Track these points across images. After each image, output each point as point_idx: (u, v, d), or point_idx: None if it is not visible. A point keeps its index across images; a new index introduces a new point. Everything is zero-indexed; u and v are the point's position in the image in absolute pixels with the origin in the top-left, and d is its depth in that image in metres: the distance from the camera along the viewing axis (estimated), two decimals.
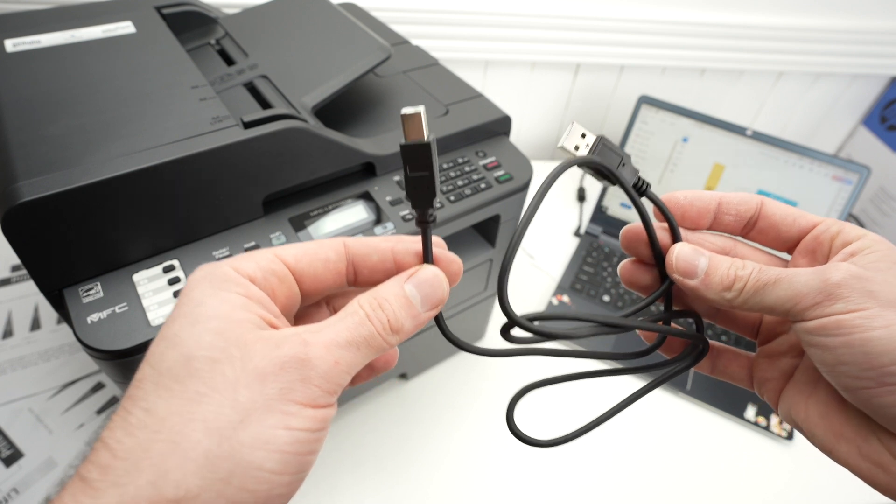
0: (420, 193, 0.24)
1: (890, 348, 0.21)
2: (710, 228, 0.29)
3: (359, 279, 0.26)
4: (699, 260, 0.26)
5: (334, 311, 0.28)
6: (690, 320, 0.30)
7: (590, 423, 0.30)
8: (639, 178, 0.28)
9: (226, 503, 0.19)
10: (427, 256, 0.25)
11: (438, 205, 0.52)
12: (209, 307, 0.21)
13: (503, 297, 0.25)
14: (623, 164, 0.27)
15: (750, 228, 0.28)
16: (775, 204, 0.28)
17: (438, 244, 0.26)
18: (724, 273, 0.26)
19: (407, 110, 0.23)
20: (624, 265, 0.30)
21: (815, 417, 0.26)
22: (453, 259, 0.26)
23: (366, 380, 0.28)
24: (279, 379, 0.20)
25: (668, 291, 0.29)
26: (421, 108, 0.23)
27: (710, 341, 0.31)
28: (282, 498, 0.20)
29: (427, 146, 0.23)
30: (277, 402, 0.20)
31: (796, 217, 0.27)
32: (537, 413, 0.70)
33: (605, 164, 0.27)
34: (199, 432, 0.19)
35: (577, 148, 0.26)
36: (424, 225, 0.25)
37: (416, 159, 0.23)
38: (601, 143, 0.27)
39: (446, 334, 0.27)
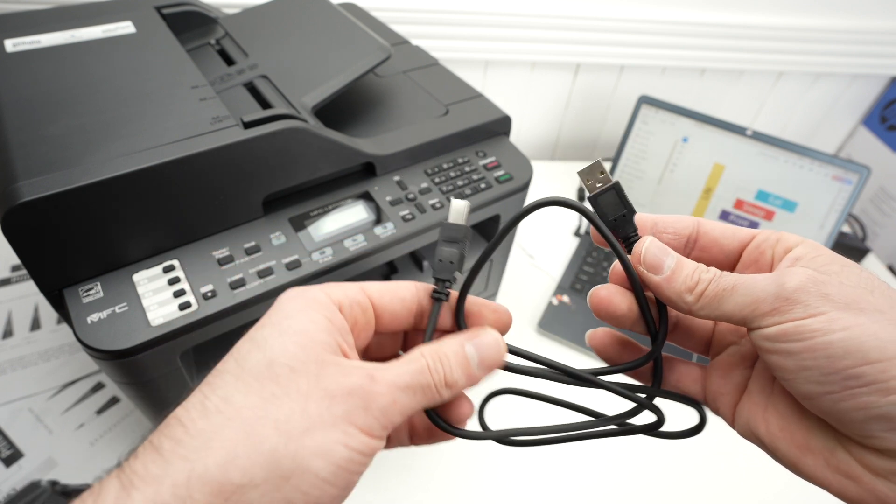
0: (444, 266, 0.28)
1: (850, 350, 0.21)
2: None
3: (431, 318, 0.28)
4: (667, 257, 0.26)
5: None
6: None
7: (541, 439, 0.30)
8: (634, 233, 0.28)
9: (281, 498, 0.21)
10: (453, 324, 0.28)
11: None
12: (297, 322, 0.24)
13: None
14: (624, 217, 0.28)
15: (692, 247, 0.28)
16: (711, 222, 0.28)
17: (496, 309, 0.29)
18: (689, 274, 0.26)
19: (456, 201, 0.28)
20: (596, 292, 0.29)
21: (775, 430, 0.26)
22: (505, 311, 0.29)
23: (426, 443, 0.30)
24: (345, 402, 0.22)
25: (657, 359, 0.29)
26: (468, 202, 0.28)
27: (663, 354, 0.30)
28: None
29: (465, 229, 0.28)
30: (341, 422, 0.22)
31: (735, 231, 0.28)
32: (518, 417, 0.70)
33: (580, 206, 0.27)
34: (270, 429, 0.21)
35: (590, 181, 0.27)
36: (438, 298, 0.28)
37: (452, 236, 0.28)
38: (614, 188, 0.27)
39: (434, 419, 0.28)
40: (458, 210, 0.28)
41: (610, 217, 0.27)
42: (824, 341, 0.22)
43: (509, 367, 0.28)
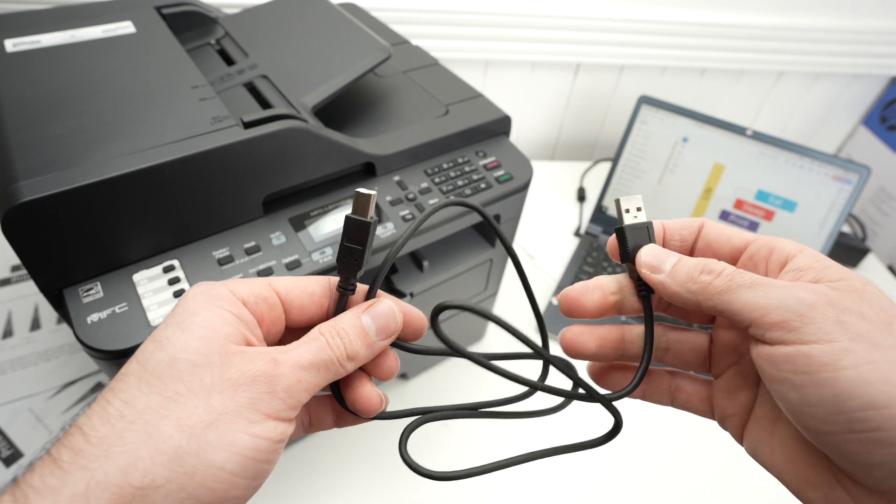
0: (348, 262, 0.26)
1: (858, 392, 0.20)
2: None
3: (337, 310, 0.28)
4: (669, 257, 0.26)
5: None
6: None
7: (491, 464, 0.30)
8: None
9: (186, 496, 0.20)
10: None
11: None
12: (201, 317, 0.23)
13: None
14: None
15: (692, 251, 0.28)
16: (712, 225, 0.28)
17: (407, 309, 0.28)
18: (693, 266, 0.25)
19: (361, 190, 0.26)
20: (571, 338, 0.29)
21: (780, 461, 0.25)
22: (418, 314, 0.29)
23: (349, 424, 0.30)
24: (250, 390, 0.22)
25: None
26: (374, 192, 0.26)
27: (668, 368, 0.30)
28: (237, 500, 0.22)
29: (367, 225, 0.26)
30: (245, 410, 0.22)
31: (729, 236, 0.27)
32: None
33: (481, 209, 0.28)
34: (172, 428, 0.21)
35: (627, 211, 0.28)
36: (343, 291, 0.27)
37: (354, 233, 0.26)
38: (646, 228, 0.28)
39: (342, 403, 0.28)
40: (363, 202, 0.26)
41: (633, 253, 0.27)
42: (831, 377, 0.20)
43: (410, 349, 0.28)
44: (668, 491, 0.66)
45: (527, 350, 0.26)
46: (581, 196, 1.05)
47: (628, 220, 0.28)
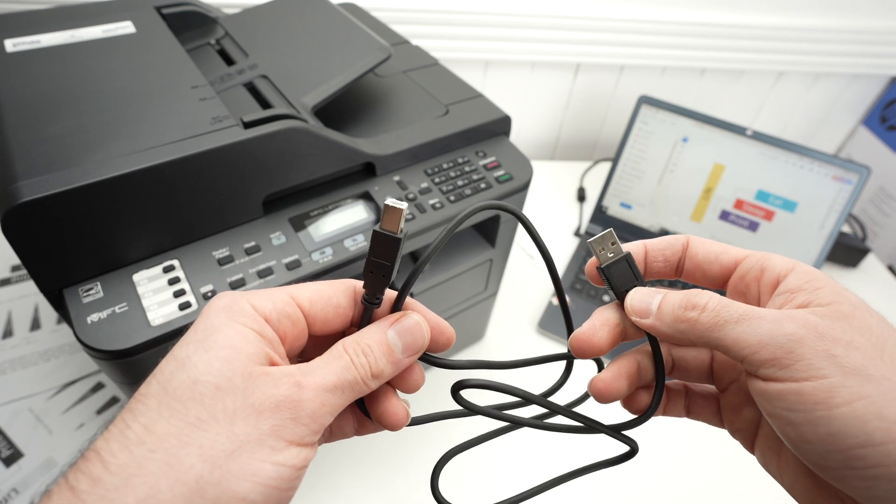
0: (375, 278, 0.25)
1: (855, 429, 0.20)
2: (645, 276, 0.28)
3: (362, 322, 0.27)
4: (653, 299, 0.26)
5: None
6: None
7: (517, 496, 0.30)
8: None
9: None
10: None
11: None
12: (224, 335, 0.23)
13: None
14: (633, 287, 0.27)
15: (680, 271, 0.28)
16: (699, 242, 0.27)
17: (436, 322, 0.28)
18: (677, 302, 0.24)
19: (391, 202, 0.24)
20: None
21: (788, 480, 0.25)
22: (447, 327, 0.28)
23: (371, 431, 0.30)
24: (273, 416, 0.22)
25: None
26: (404, 205, 0.24)
27: (686, 384, 0.30)
28: None
29: (398, 241, 0.24)
30: (268, 438, 0.21)
31: (718, 254, 0.26)
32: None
33: (515, 210, 0.27)
34: (194, 457, 0.20)
35: (602, 250, 0.27)
36: (368, 305, 0.26)
37: (383, 248, 0.25)
38: (626, 259, 0.27)
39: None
40: (393, 215, 0.24)
41: (621, 289, 0.27)
42: (826, 416, 0.20)
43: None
44: (681, 494, 0.66)
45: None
46: (581, 196, 1.05)
47: (605, 258, 0.27)
